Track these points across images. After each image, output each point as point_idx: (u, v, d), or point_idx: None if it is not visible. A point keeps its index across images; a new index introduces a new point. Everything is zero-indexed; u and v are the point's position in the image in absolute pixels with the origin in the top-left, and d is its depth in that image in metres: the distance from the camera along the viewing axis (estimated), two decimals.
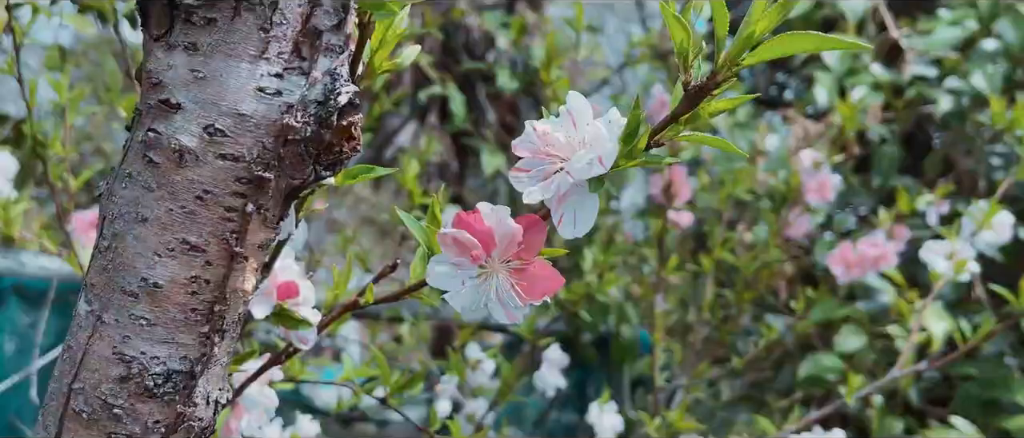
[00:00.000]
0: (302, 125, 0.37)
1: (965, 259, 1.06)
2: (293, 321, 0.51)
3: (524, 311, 0.47)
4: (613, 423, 1.24)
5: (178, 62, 0.37)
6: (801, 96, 2.26)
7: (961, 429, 1.49)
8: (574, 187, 0.42)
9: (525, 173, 0.44)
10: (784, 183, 1.58)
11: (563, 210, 0.42)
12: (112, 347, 0.38)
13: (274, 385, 0.86)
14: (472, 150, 3.51)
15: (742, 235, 1.91)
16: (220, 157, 0.37)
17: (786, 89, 2.53)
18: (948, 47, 1.74)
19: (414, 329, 1.75)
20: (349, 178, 0.45)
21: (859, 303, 1.79)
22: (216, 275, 0.39)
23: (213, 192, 0.38)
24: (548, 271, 0.46)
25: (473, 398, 1.26)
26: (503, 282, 0.46)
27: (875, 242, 1.39)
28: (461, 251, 0.46)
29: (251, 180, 0.38)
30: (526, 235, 0.45)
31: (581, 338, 2.07)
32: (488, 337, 2.58)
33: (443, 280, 0.46)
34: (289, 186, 0.40)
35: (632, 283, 1.70)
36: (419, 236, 0.49)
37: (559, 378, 1.23)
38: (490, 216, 0.45)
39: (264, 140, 0.37)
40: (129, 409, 0.39)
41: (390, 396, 0.75)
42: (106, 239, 0.39)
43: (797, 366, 1.83)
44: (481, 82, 3.09)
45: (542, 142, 0.43)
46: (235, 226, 0.38)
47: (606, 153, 0.40)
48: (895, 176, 1.83)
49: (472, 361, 1.16)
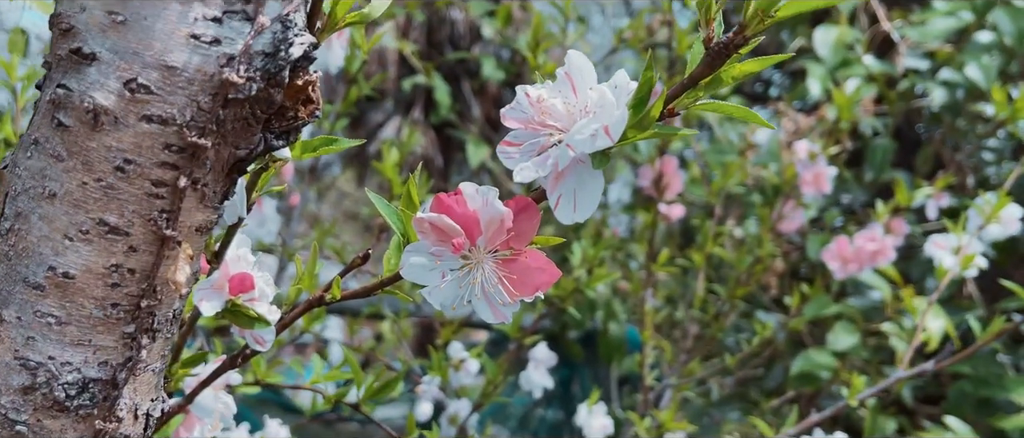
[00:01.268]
0: (246, 82, 0.31)
1: (973, 254, 1.01)
2: (247, 319, 0.45)
3: (513, 308, 0.41)
4: (603, 424, 1.18)
5: (91, 2, 0.30)
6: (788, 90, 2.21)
7: (955, 430, 1.44)
8: (574, 163, 0.35)
9: (515, 148, 0.37)
10: (778, 175, 1.53)
11: (561, 190, 0.35)
12: (13, 351, 0.32)
13: (238, 388, 0.79)
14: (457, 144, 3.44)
15: (731, 230, 1.86)
16: (144, 119, 0.30)
17: (771, 85, 2.49)
18: (943, 37, 1.70)
19: (395, 326, 1.68)
20: (309, 151, 0.39)
21: (851, 300, 1.75)
22: (143, 263, 0.32)
23: (137, 162, 0.31)
24: (541, 262, 0.40)
25: (456, 399, 1.20)
26: (489, 275, 0.39)
27: (873, 236, 1.34)
28: (441, 239, 0.39)
29: (183, 148, 0.31)
30: (516, 220, 0.39)
31: (567, 335, 2.02)
32: (473, 335, 2.52)
33: (420, 273, 0.40)
34: (233, 157, 0.33)
35: (621, 279, 1.64)
36: (392, 222, 0.42)
37: (546, 378, 1.17)
38: (475, 198, 0.39)
39: (199, 99, 0.31)
40: (35, 426, 0.32)
41: (363, 401, 0.68)
42: (7, 220, 0.32)
43: (788, 364, 1.78)
44: (466, 76, 3.02)
45: (536, 110, 0.36)
46: (165, 204, 0.32)
47: (614, 122, 0.33)
48: (888, 170, 1.78)
49: (455, 361, 1.10)
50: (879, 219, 1.39)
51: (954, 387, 1.57)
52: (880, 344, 1.70)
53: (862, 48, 1.70)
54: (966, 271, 1.02)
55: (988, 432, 1.51)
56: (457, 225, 0.38)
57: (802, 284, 1.66)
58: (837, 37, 1.57)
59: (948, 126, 1.88)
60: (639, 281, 1.57)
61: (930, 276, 1.76)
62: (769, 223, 1.59)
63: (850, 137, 1.75)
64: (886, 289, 1.59)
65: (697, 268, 1.56)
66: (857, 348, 1.66)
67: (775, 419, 1.77)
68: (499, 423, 2.25)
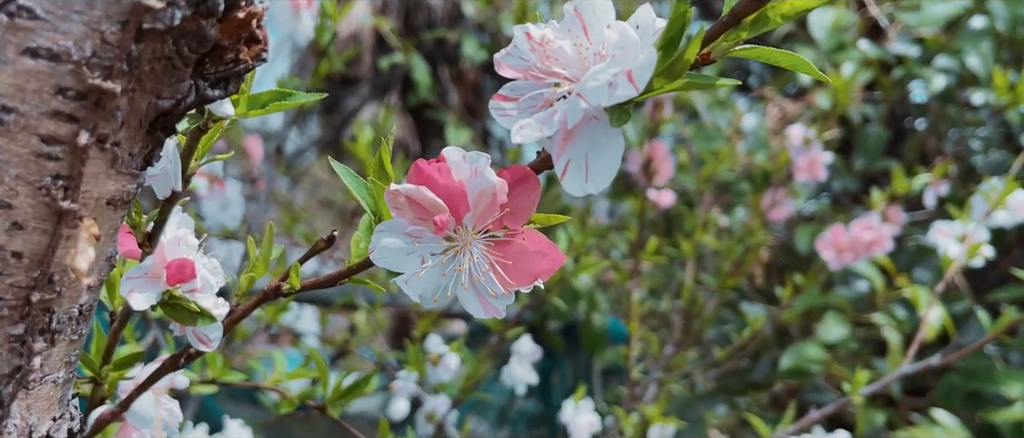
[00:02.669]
0: (166, 7, 0.23)
1: (979, 242, 0.96)
2: (188, 314, 0.38)
3: (507, 301, 0.34)
4: (589, 421, 1.12)
5: None
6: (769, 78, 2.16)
7: (945, 424, 1.40)
8: (587, 119, 0.28)
9: (512, 102, 0.30)
10: (769, 161, 1.47)
11: (570, 154, 0.28)
12: None
13: (193, 388, 0.72)
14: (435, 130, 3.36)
15: (717, 219, 1.81)
16: (28, 53, 0.23)
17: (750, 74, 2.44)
18: (940, 23, 1.65)
19: (370, 316, 1.60)
20: (256, 107, 0.31)
21: (838, 290, 1.71)
22: (32, 245, 0.25)
23: (19, 111, 0.23)
24: (541, 245, 0.33)
25: (434, 395, 1.13)
26: (479, 260, 0.32)
27: (869, 225, 1.28)
28: (420, 216, 0.32)
29: (83, 94, 0.24)
30: (512, 194, 0.32)
31: (548, 326, 1.96)
32: (452, 325, 2.45)
33: (394, 257, 0.33)
34: (154, 110, 0.26)
35: (608, 268, 1.58)
36: (361, 196, 0.35)
37: (530, 374, 1.10)
38: (461, 167, 0.32)
39: (102, 28, 0.23)
40: None
41: (330, 403, 0.61)
42: None
43: (774, 356, 1.73)
44: (444, 62, 2.94)
45: (539, 55, 0.29)
46: (60, 167, 0.24)
47: (638, 66, 0.26)
48: (881, 157, 1.74)
49: (433, 355, 1.03)
50: (875, 207, 1.34)
51: (943, 380, 1.53)
52: (869, 335, 1.65)
53: (857, 31, 1.65)
54: (973, 260, 0.97)
55: (977, 425, 1.47)
56: (440, 199, 0.31)
57: (785, 274, 1.61)
58: (834, 20, 1.51)
59: (937, 114, 1.84)
60: (625, 271, 1.51)
61: (918, 266, 1.72)
62: (760, 211, 1.53)
63: (838, 124, 1.70)
64: (878, 279, 1.55)
65: (685, 257, 1.50)
66: (847, 339, 1.62)
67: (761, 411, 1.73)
68: (478, 415, 2.19)
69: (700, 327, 1.59)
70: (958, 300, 1.62)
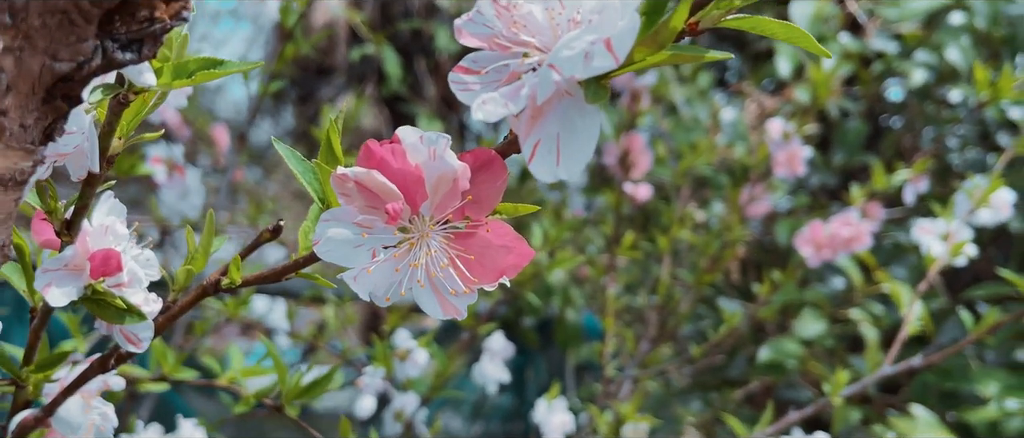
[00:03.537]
0: None
1: (962, 241, 0.94)
2: (114, 311, 0.34)
3: (468, 299, 0.30)
4: (562, 421, 1.09)
5: None
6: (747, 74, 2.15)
7: (924, 419, 1.39)
8: (559, 95, 0.25)
9: (475, 76, 0.27)
10: (749, 155, 1.45)
11: (540, 134, 0.25)
12: None
13: (141, 385, 0.67)
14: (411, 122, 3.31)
15: (695, 213, 1.78)
16: None
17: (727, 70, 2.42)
18: (921, 17, 1.64)
19: (340, 310, 1.56)
20: (181, 76, 0.27)
21: (814, 286, 1.69)
22: None
23: None
24: (507, 238, 0.29)
25: (402, 392, 1.09)
26: (437, 254, 0.29)
27: (848, 221, 1.26)
28: (371, 204, 0.28)
29: None
30: (475, 181, 0.28)
31: (521, 322, 1.92)
32: (425, 320, 2.41)
33: (342, 250, 0.29)
34: (51, 73, 0.22)
35: (584, 263, 1.55)
36: (307, 181, 0.31)
37: (502, 371, 1.07)
38: (418, 149, 0.28)
39: None
40: None
41: (287, 402, 0.57)
42: None
43: (750, 352, 1.72)
44: (420, 54, 2.89)
45: (505, 21, 0.25)
46: None
47: (618, 34, 0.23)
48: (859, 152, 1.72)
49: (401, 350, 0.99)
50: (855, 203, 1.32)
51: (917, 378, 1.52)
52: (845, 331, 1.64)
53: (838, 24, 1.63)
54: (956, 259, 0.95)
55: (951, 423, 1.46)
56: (393, 185, 0.28)
57: (763, 271, 1.59)
58: (815, 12, 1.49)
59: (915, 111, 1.83)
60: (601, 266, 1.48)
61: (895, 263, 1.71)
62: (738, 206, 1.51)
63: (816, 119, 1.68)
64: (856, 274, 1.53)
65: (661, 253, 1.47)
66: (823, 336, 1.61)
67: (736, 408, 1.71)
68: (452, 409, 2.16)
69: (676, 323, 1.56)
70: (934, 298, 1.62)
